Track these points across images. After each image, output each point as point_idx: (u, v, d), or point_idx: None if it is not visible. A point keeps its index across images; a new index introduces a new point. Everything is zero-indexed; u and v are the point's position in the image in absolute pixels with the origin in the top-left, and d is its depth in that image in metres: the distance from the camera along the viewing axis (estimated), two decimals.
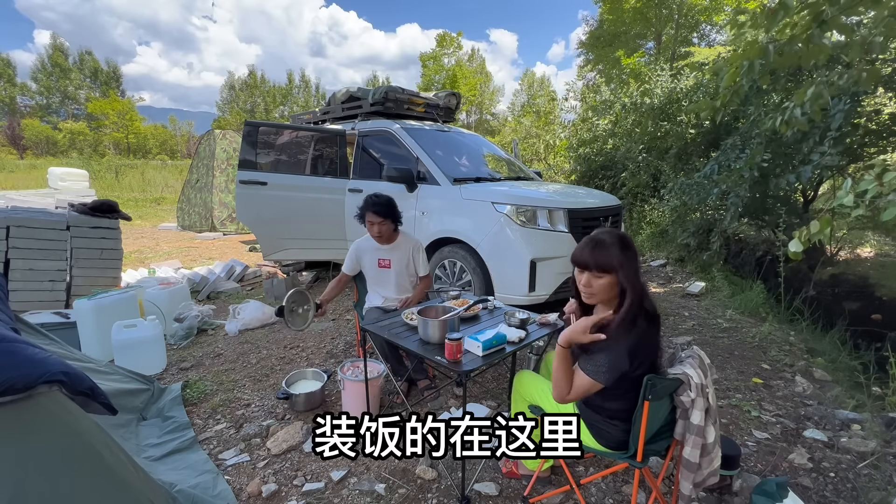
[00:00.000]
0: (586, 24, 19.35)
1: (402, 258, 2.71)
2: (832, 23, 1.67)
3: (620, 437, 1.47)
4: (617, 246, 1.40)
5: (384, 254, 2.69)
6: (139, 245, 7.27)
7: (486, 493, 1.83)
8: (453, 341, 1.63)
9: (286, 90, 44.84)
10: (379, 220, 2.55)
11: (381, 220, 2.55)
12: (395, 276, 2.70)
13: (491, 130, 28.62)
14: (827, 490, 1.88)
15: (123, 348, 2.80)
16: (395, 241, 2.70)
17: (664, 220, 6.92)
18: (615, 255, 1.39)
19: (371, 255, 2.71)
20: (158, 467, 1.88)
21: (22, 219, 3.62)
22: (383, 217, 2.55)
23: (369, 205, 2.56)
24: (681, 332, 3.60)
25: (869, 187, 1.28)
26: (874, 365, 2.85)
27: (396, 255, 2.69)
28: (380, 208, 2.55)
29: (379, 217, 2.54)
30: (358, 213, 2.63)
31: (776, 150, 4.41)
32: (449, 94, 5.28)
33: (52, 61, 37.12)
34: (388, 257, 2.69)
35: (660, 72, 8.15)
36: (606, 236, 1.43)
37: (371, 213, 2.55)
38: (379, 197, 2.58)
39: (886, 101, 4.69)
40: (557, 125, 13.05)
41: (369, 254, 2.71)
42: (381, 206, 2.55)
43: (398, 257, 2.70)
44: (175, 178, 16.92)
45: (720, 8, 13.17)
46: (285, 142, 4.57)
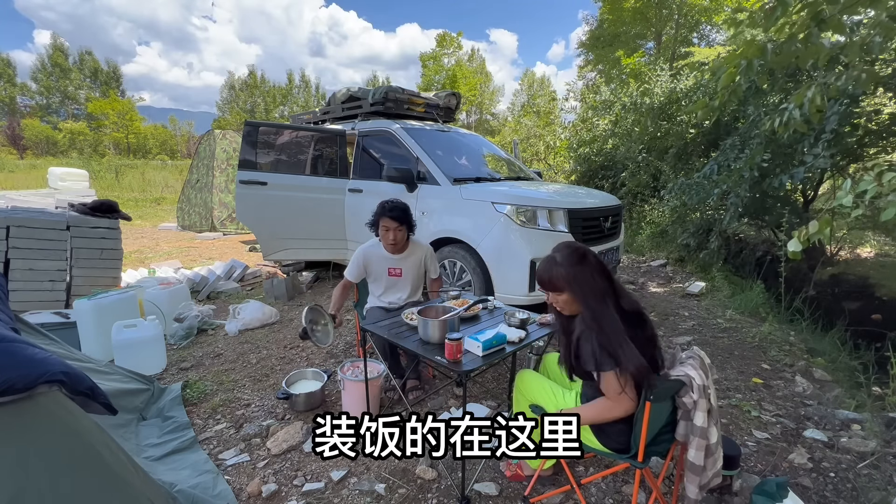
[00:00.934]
0: (586, 24, 19.38)
1: (414, 266, 2.64)
2: (830, 22, 1.68)
3: (622, 439, 1.47)
4: (567, 264, 1.48)
5: (395, 263, 2.59)
6: (139, 245, 7.27)
7: (486, 493, 1.83)
8: (453, 341, 1.63)
9: (286, 90, 44.87)
10: (395, 226, 2.46)
11: (398, 226, 2.47)
12: (406, 284, 2.63)
13: (491, 130, 28.63)
14: (827, 490, 1.88)
15: (123, 348, 2.80)
16: (407, 249, 2.61)
17: (664, 220, 6.93)
18: (563, 275, 1.47)
19: (380, 263, 2.60)
20: (158, 467, 1.88)
21: (22, 219, 3.62)
22: (399, 223, 2.46)
23: (385, 210, 2.47)
24: (681, 332, 3.60)
25: (868, 187, 1.28)
26: (874, 365, 2.85)
27: (408, 264, 2.61)
28: (397, 213, 2.45)
29: (395, 223, 2.45)
30: (371, 220, 2.55)
31: (776, 151, 4.41)
32: (449, 94, 5.28)
33: (52, 61, 37.14)
34: (400, 266, 2.60)
35: (659, 72, 8.16)
36: (559, 254, 1.51)
37: (388, 218, 2.45)
38: (395, 203, 2.49)
39: (886, 101, 4.70)
40: (557, 125, 13.06)
41: (379, 262, 2.60)
42: (398, 212, 2.46)
43: (410, 265, 2.62)
44: (175, 178, 16.92)
45: (720, 8, 13.17)
46: (285, 142, 4.57)
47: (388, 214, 2.45)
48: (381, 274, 2.61)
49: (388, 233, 2.48)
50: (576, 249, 1.52)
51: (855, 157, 5.18)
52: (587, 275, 1.46)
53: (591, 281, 1.46)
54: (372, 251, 2.61)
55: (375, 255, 2.60)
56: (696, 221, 5.78)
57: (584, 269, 1.47)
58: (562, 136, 11.63)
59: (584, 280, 1.46)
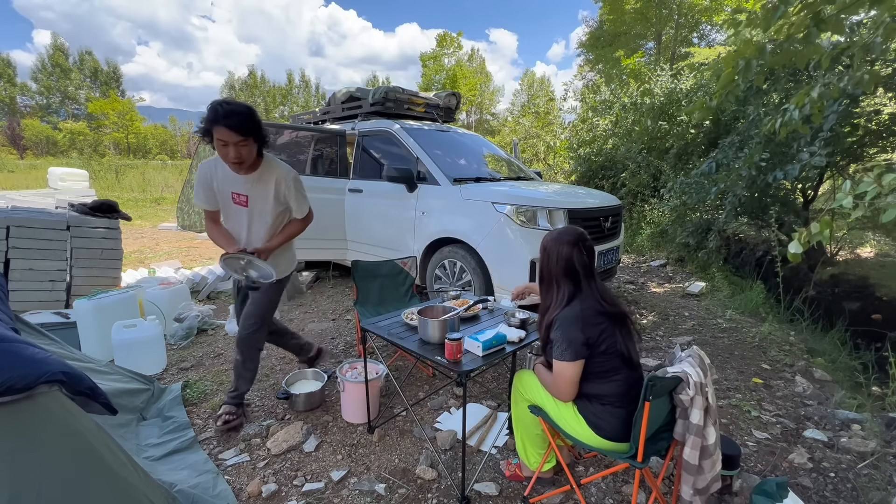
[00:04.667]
0: (586, 24, 19.42)
1: (264, 195, 2.01)
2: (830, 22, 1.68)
3: (618, 426, 1.48)
4: (552, 236, 1.63)
5: (241, 186, 1.97)
6: (139, 245, 7.27)
7: (486, 493, 1.83)
8: (453, 341, 1.63)
9: (286, 90, 44.86)
10: (236, 140, 1.78)
11: (241, 139, 1.79)
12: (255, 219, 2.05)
13: (491, 130, 28.62)
14: (827, 490, 1.88)
15: (123, 348, 2.80)
16: (258, 169, 1.97)
17: (664, 219, 6.93)
18: (544, 242, 1.64)
19: (225, 183, 1.98)
20: (158, 467, 1.88)
21: (22, 219, 3.62)
22: (242, 135, 1.78)
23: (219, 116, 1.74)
24: (681, 332, 3.60)
25: (868, 188, 1.28)
26: (874, 365, 2.86)
27: (257, 191, 2.00)
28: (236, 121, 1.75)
29: (236, 134, 1.77)
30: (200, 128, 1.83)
31: (774, 150, 4.41)
32: (449, 94, 5.28)
33: (52, 61, 37.13)
34: (246, 192, 1.98)
35: (660, 72, 8.16)
36: (558, 229, 1.68)
37: (224, 128, 1.75)
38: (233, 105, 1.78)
39: (886, 101, 4.70)
40: (557, 125, 13.05)
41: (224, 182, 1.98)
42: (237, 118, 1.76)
43: (259, 193, 2.00)
44: (175, 178, 16.91)
45: (720, 8, 13.16)
46: (285, 142, 4.57)
47: (224, 123, 1.74)
48: (226, 200, 2.03)
49: (226, 148, 1.80)
50: (569, 232, 1.61)
51: (855, 157, 5.18)
52: (555, 254, 1.58)
53: (557, 261, 1.57)
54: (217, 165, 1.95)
55: (221, 172, 1.96)
56: (696, 221, 5.78)
57: (560, 248, 1.57)
58: (561, 136, 11.62)
59: (550, 255, 1.59)
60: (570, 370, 1.47)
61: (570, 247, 1.56)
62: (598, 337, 1.47)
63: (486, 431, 2.24)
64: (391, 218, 4.04)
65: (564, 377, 1.49)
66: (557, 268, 1.57)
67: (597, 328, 1.47)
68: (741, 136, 4.78)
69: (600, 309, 1.51)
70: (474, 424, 2.27)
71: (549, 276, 1.60)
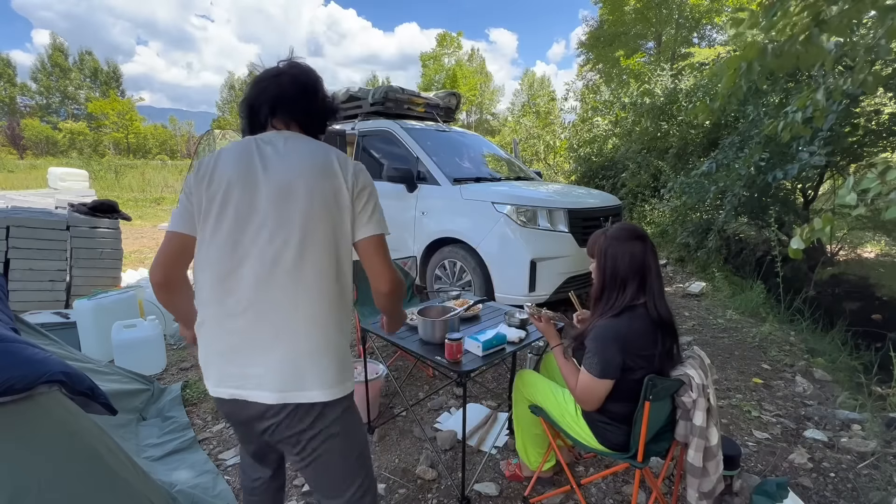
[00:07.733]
0: (586, 24, 19.36)
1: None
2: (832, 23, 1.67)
3: (621, 439, 1.47)
4: (611, 235, 1.46)
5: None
6: (139, 245, 7.27)
7: (486, 494, 1.83)
8: (453, 341, 1.62)
9: None
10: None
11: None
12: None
13: (491, 130, 28.62)
14: (827, 490, 1.88)
15: (123, 348, 2.80)
16: None
17: (664, 219, 6.93)
18: (601, 242, 1.48)
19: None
20: (158, 467, 1.88)
21: (22, 219, 3.62)
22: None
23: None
24: (681, 332, 3.60)
25: (871, 185, 1.27)
26: (875, 365, 2.85)
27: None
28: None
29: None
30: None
31: (774, 150, 4.41)
32: (449, 94, 5.27)
33: (51, 61, 37.16)
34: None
35: (660, 72, 8.16)
36: (614, 227, 1.51)
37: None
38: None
39: (886, 101, 4.69)
40: (557, 125, 13.05)
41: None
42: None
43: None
44: (175, 178, 16.89)
45: (721, 8, 13.16)
46: None
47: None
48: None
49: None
50: (632, 229, 1.47)
51: (854, 157, 5.18)
52: (616, 252, 1.43)
53: (624, 261, 1.42)
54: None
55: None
56: (696, 221, 5.78)
57: (625, 246, 1.43)
58: (562, 136, 11.62)
59: (616, 255, 1.43)
60: (600, 387, 1.38)
61: (641, 243, 1.43)
62: (635, 362, 1.37)
63: (487, 432, 2.24)
64: (391, 218, 3.97)
65: (590, 390, 1.40)
66: (627, 268, 1.41)
67: (637, 354, 1.37)
68: (741, 136, 4.78)
69: (654, 317, 1.40)
70: (474, 425, 2.27)
71: (615, 279, 1.43)
